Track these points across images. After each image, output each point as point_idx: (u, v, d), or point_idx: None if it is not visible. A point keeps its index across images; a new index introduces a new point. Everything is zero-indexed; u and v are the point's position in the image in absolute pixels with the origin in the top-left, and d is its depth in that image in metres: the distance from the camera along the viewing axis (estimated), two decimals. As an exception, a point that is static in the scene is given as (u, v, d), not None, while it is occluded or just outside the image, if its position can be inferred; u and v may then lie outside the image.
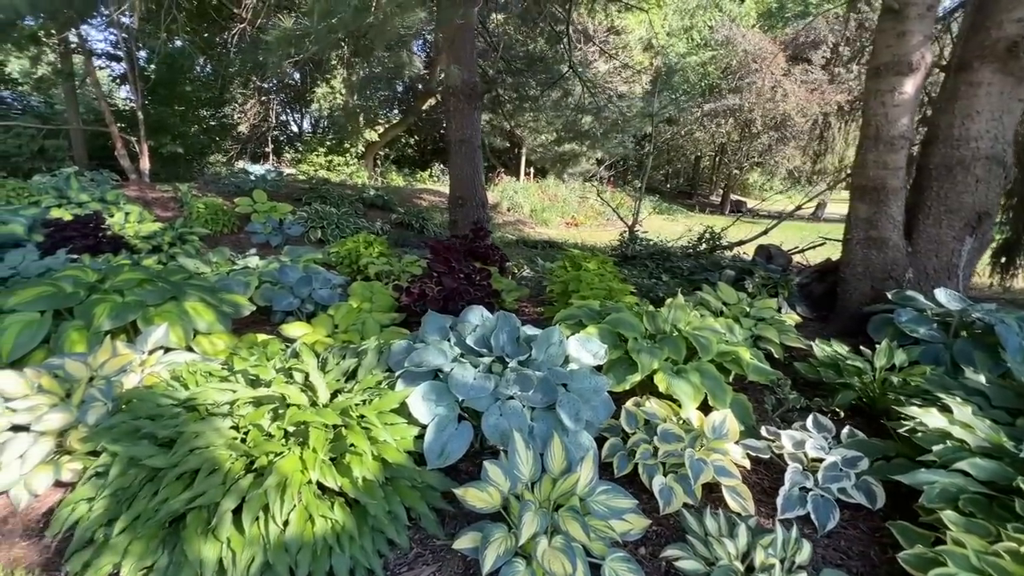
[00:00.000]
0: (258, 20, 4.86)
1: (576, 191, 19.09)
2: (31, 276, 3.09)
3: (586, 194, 19.63)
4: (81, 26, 8.45)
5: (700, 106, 19.55)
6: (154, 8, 7.36)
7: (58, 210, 5.63)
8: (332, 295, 4.05)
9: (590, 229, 16.12)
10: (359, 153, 17.06)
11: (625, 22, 11.54)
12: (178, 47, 9.96)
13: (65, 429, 2.12)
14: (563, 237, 13.16)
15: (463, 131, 6.50)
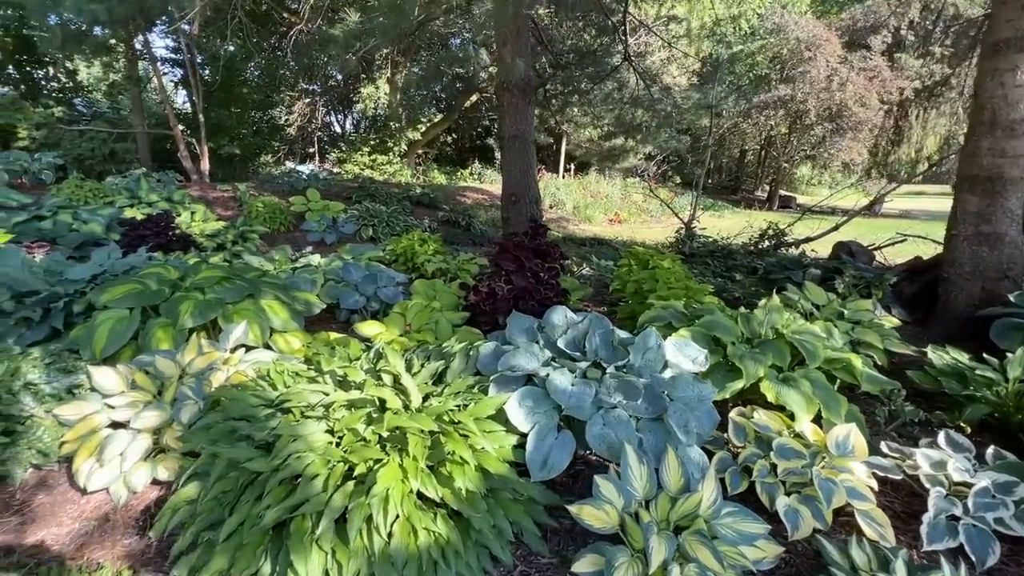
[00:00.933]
0: (317, 20, 4.87)
1: (617, 187, 18.71)
2: (117, 273, 3.17)
3: (628, 190, 19.22)
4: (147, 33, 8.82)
5: (748, 97, 18.76)
6: (212, 14, 7.59)
7: (131, 210, 5.85)
8: (396, 293, 4.01)
9: (634, 226, 15.73)
10: (402, 152, 17.23)
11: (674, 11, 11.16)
12: (232, 51, 10.29)
13: (160, 427, 2.12)
14: (608, 234, 12.88)
15: (517, 127, 6.36)
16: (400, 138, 16.91)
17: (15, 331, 2.68)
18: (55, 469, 2.20)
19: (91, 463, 2.01)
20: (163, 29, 10.19)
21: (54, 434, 2.09)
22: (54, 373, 2.29)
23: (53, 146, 7.89)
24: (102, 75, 9.38)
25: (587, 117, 11.20)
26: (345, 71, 9.84)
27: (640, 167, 16.00)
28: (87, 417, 2.11)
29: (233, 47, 11.13)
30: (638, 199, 18.64)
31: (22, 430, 2.08)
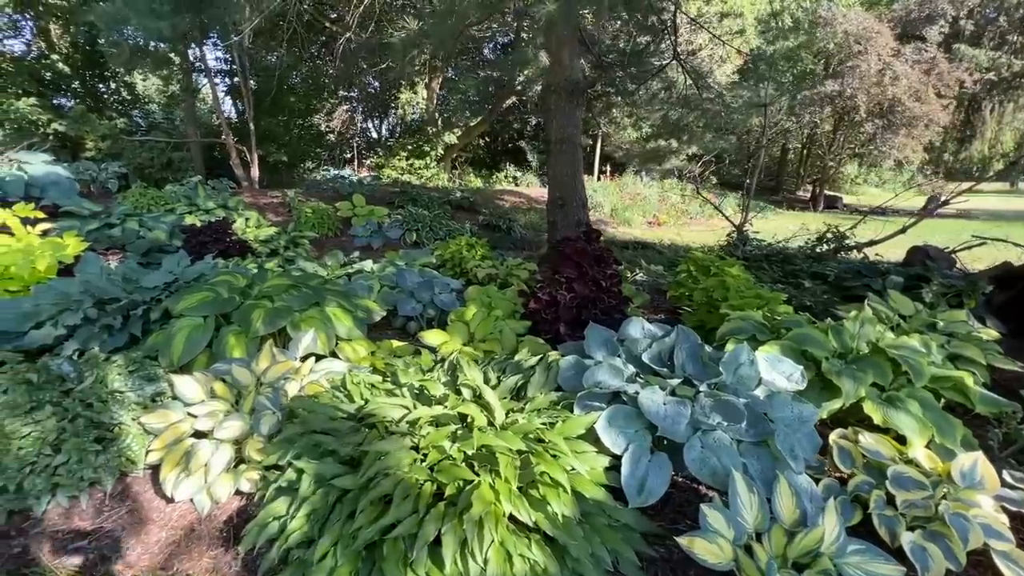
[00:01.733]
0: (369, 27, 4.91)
1: (654, 189, 18.35)
2: (188, 281, 3.24)
3: (665, 192, 18.82)
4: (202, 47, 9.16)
5: (794, 94, 18.06)
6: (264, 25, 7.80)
7: (190, 216, 6.05)
8: (452, 300, 3.98)
9: (674, 228, 15.37)
10: (438, 156, 17.38)
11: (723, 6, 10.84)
12: (281, 61, 10.60)
13: (241, 438, 2.13)
14: (649, 237, 12.60)
15: (564, 129, 6.27)
16: (437, 142, 17.06)
17: (98, 337, 2.75)
18: (139, 476, 2.23)
19: (177, 473, 2.02)
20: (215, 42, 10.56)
21: (142, 442, 2.12)
22: (138, 381, 2.33)
23: (116, 156, 8.29)
24: (162, 87, 9.86)
25: (629, 118, 10.99)
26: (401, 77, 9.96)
27: (683, 168, 15.61)
28: (172, 426, 2.13)
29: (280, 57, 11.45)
30: (676, 201, 18.24)
31: (111, 438, 2.12)
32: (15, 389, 2.09)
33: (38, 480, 1.95)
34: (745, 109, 7.89)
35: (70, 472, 1.98)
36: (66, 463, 2.00)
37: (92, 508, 2.09)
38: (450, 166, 18.59)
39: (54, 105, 8.34)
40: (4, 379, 2.16)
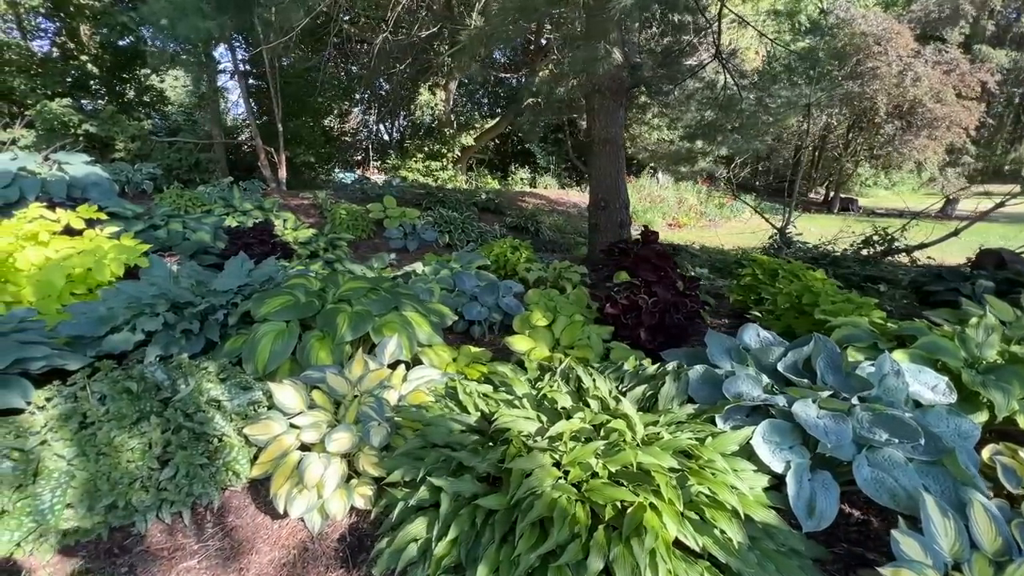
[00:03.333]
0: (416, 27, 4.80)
1: (670, 190, 18.20)
2: (257, 284, 3.13)
3: (682, 193, 18.69)
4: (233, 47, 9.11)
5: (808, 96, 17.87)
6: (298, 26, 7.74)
7: (228, 218, 5.96)
8: (517, 304, 3.86)
9: (695, 230, 15.25)
10: (454, 158, 17.30)
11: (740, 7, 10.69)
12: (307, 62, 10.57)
13: (352, 451, 2.01)
14: (675, 239, 12.47)
15: (608, 130, 6.16)
16: (454, 144, 16.99)
17: (177, 343, 2.65)
18: (237, 490, 2.13)
19: (288, 488, 1.91)
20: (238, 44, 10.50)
21: (246, 455, 2.01)
22: (234, 389, 2.22)
23: (145, 157, 8.22)
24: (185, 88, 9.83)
25: (659, 119, 10.86)
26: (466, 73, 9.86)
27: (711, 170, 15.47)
28: (277, 439, 2.02)
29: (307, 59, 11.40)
30: (693, 203, 18.12)
31: (214, 449, 2.01)
32: (117, 399, 1.98)
33: (145, 495, 1.84)
34: (784, 109, 7.75)
35: (178, 487, 1.87)
36: (173, 477, 1.89)
37: (195, 524, 1.98)
38: (466, 168, 18.51)
39: (82, 106, 8.27)
40: (103, 387, 2.05)
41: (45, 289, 2.97)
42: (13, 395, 2.08)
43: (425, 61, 15.07)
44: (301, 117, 10.96)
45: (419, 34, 10.62)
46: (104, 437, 1.84)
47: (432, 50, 13.72)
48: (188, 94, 10.69)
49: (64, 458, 1.85)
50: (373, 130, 21.08)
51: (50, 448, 1.86)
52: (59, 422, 1.91)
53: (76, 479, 1.75)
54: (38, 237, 3.13)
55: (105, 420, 1.91)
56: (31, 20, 8.68)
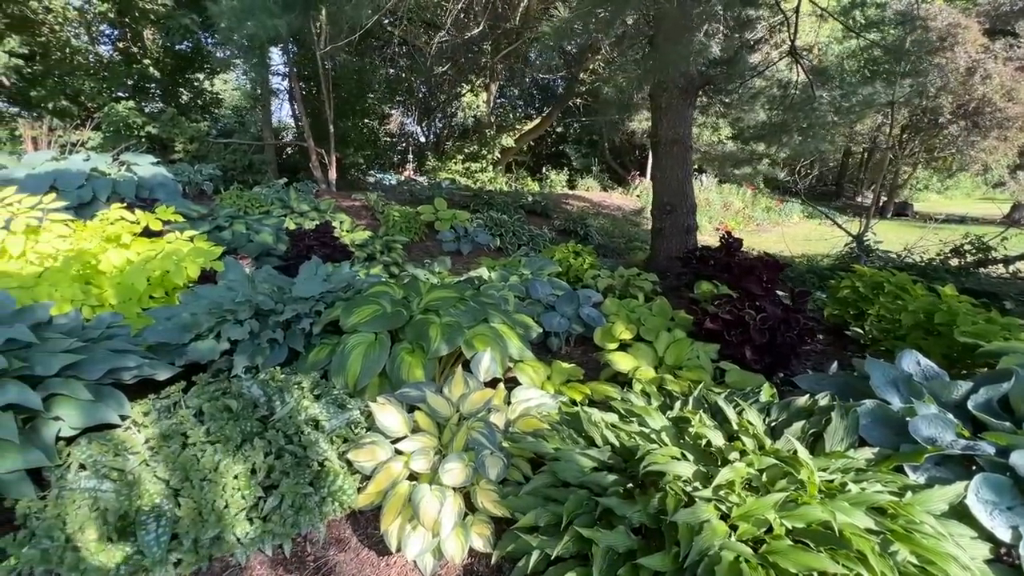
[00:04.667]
0: (481, 25, 4.61)
1: (713, 193, 17.60)
2: (337, 290, 2.99)
3: (726, 196, 18.06)
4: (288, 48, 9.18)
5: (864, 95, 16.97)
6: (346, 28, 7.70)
7: (286, 219, 5.92)
8: (598, 315, 3.61)
9: (743, 235, 14.64)
10: (494, 160, 17.17)
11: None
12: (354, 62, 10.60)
13: (466, 484, 1.81)
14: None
15: (675, 130, 5.86)
16: (494, 145, 16.86)
17: (262, 352, 2.52)
18: (338, 519, 1.95)
19: (400, 523, 1.72)
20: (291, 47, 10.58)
21: (352, 484, 1.83)
22: (331, 408, 2.06)
23: (202, 158, 8.35)
24: (250, 90, 10.03)
25: (720, 119, 10.44)
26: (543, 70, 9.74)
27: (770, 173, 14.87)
28: (385, 466, 1.84)
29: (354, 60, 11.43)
30: (740, 206, 17.48)
31: (316, 475, 1.84)
32: (218, 417, 1.84)
33: (249, 527, 1.68)
34: (856, 108, 7.26)
35: (283, 518, 1.71)
36: (278, 507, 1.73)
37: (296, 557, 1.81)
38: (505, 170, 18.36)
39: (142, 109, 8.47)
40: (199, 402, 1.92)
41: (127, 292, 2.90)
42: (108, 409, 1.97)
43: (472, 61, 15.03)
44: (350, 119, 10.99)
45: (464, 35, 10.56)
46: (209, 461, 1.69)
47: (479, 50, 13.65)
48: (238, 96, 10.92)
49: (165, 481, 1.71)
50: (412, 132, 21.20)
51: (151, 470, 1.72)
52: (160, 441, 1.77)
53: (183, 508, 1.60)
54: (120, 239, 3.07)
55: (208, 442, 1.76)
56: (96, 25, 8.95)
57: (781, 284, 3.41)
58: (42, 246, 2.87)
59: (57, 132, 7.31)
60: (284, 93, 15.71)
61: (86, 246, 2.91)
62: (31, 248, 2.85)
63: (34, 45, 7.72)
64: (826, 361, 3.47)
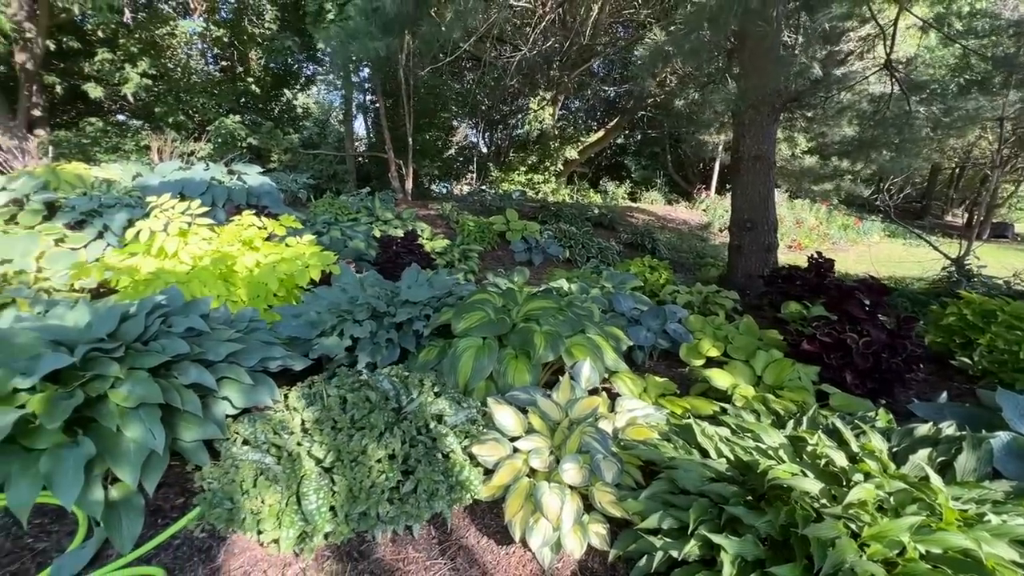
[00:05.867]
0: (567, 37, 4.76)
1: (784, 208, 16.88)
2: (442, 295, 3.21)
3: (797, 211, 17.27)
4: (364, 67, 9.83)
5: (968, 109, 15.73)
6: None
7: (374, 226, 6.32)
8: (685, 332, 3.64)
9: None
10: (557, 171, 17.33)
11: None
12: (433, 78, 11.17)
13: (583, 485, 1.92)
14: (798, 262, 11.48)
15: (759, 146, 5.77)
16: (557, 157, 17.03)
17: (379, 351, 2.76)
18: (459, 508, 2.12)
19: (523, 516, 1.86)
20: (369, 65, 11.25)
21: (477, 475, 2.00)
22: (453, 405, 2.24)
23: (293, 167, 9.07)
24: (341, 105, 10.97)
25: (796, 132, 10.10)
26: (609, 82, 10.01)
27: (853, 190, 14.15)
28: (508, 462, 1.99)
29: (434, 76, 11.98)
30: (814, 223, 16.67)
31: (447, 466, 2.02)
32: (360, 407, 2.06)
33: (389, 507, 1.87)
34: (957, 123, 6.82)
35: (417, 502, 1.89)
36: (414, 491, 1.91)
37: (423, 540, 1.99)
38: (566, 181, 18.49)
39: (245, 122, 9.31)
40: (342, 392, 2.15)
41: (258, 290, 3.25)
42: (263, 394, 2.25)
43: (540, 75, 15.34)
44: (425, 132, 11.54)
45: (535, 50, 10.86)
46: (357, 445, 1.90)
47: (548, 64, 13.94)
48: (317, 110, 11.82)
49: (317, 459, 1.94)
50: (476, 143, 21.79)
51: (305, 448, 1.96)
52: (313, 425, 2.02)
53: (337, 484, 1.82)
54: (252, 243, 3.46)
55: (355, 428, 1.99)
56: (210, 48, 9.98)
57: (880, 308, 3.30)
58: (191, 247, 3.28)
59: (175, 143, 8.22)
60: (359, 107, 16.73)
61: (228, 248, 3.30)
62: (182, 248, 3.26)
63: (159, 67, 8.75)
64: (929, 390, 3.32)
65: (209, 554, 1.87)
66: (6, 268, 3.25)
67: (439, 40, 5.52)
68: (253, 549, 1.89)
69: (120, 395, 1.88)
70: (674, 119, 13.37)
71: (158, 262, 3.26)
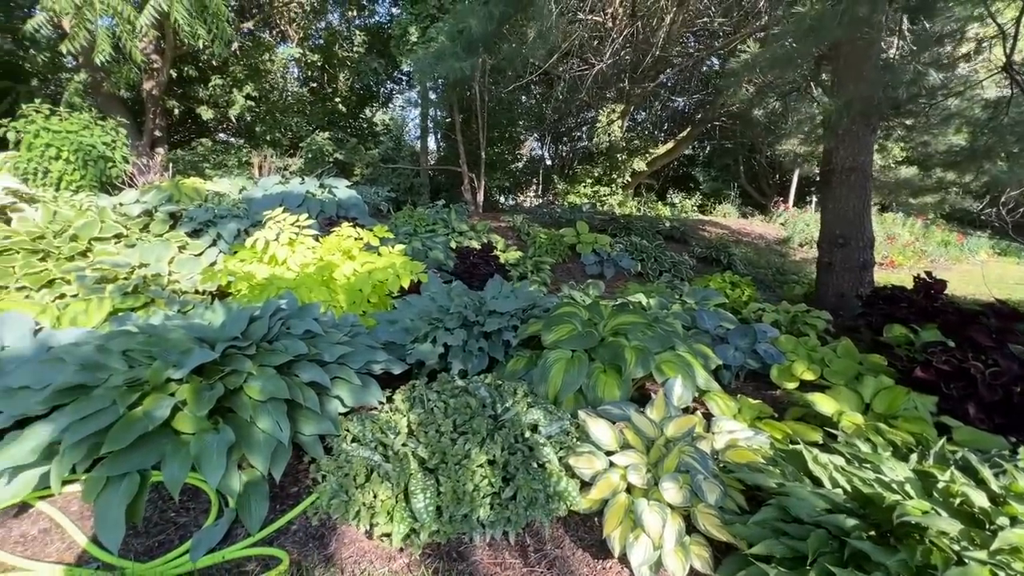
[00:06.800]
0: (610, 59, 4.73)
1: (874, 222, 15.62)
2: (526, 307, 3.28)
3: (887, 227, 15.94)
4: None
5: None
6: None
7: (450, 238, 6.55)
8: (778, 353, 3.48)
9: (914, 271, 12.79)
10: (624, 183, 17.11)
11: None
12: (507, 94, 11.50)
13: (684, 505, 1.89)
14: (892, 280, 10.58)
15: (854, 157, 5.43)
16: (625, 169, 16.83)
17: (470, 359, 2.86)
18: (554, 519, 2.15)
19: (622, 531, 1.85)
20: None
21: (575, 486, 2.02)
22: (547, 415, 2.28)
23: (374, 181, 9.61)
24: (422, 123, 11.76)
25: (894, 142, 9.40)
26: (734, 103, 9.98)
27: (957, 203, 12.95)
28: (605, 476, 2.00)
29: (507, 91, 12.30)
30: (908, 239, 15.33)
31: (536, 472, 2.06)
32: (461, 412, 2.15)
33: (489, 512, 1.94)
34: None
35: (516, 509, 1.94)
36: (513, 498, 1.97)
37: (518, 547, 2.03)
38: (633, 193, 18.22)
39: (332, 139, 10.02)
40: (443, 397, 2.26)
41: (354, 296, 3.48)
42: (370, 395, 2.41)
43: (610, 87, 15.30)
44: (496, 146, 11.86)
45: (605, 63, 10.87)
46: (460, 449, 1.99)
47: (618, 77, 13.90)
48: (391, 125, 12.57)
49: (423, 461, 2.04)
50: (541, 155, 22.01)
51: (410, 449, 2.07)
52: (418, 427, 2.13)
53: (443, 486, 1.91)
54: (350, 252, 3.72)
55: (456, 432, 2.08)
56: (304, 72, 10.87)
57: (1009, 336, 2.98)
58: (297, 256, 3.58)
59: (271, 160, 9.00)
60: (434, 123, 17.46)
61: (329, 257, 3.57)
62: (290, 256, 3.56)
63: (260, 90, 9.65)
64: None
65: (322, 541, 2.02)
66: (146, 271, 3.69)
67: (520, 58, 5.69)
68: (360, 541, 2.02)
69: (254, 389, 2.08)
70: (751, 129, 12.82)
71: (269, 268, 3.58)
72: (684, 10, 11.15)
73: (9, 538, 1.93)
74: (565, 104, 16.04)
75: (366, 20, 10.97)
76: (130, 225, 4.68)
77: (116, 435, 1.83)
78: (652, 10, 9.89)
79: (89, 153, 5.80)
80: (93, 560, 1.84)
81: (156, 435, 1.95)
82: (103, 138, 5.99)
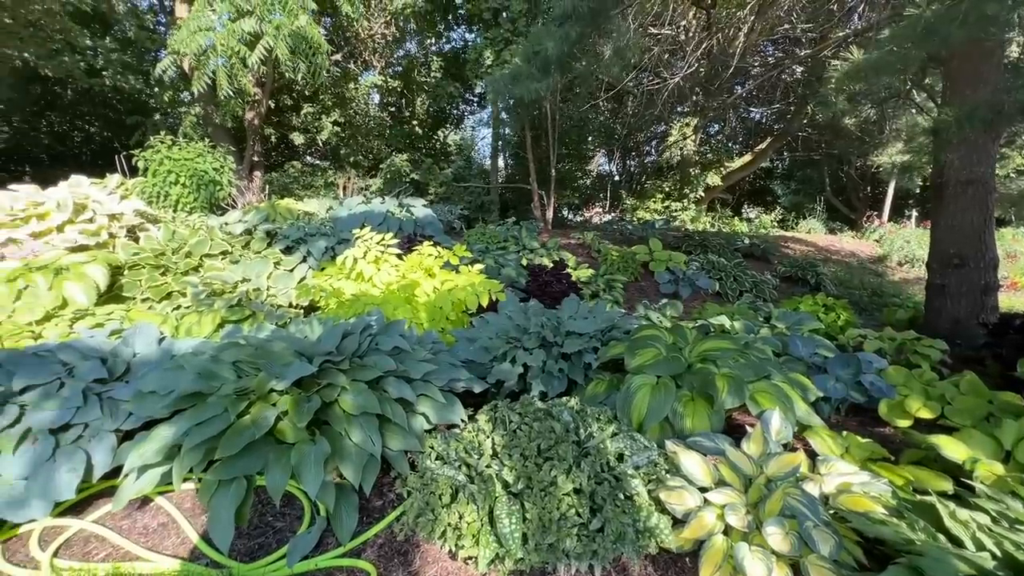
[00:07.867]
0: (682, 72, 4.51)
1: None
2: (606, 328, 3.20)
3: (1007, 244, 14.12)
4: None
5: None
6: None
7: (521, 255, 6.60)
8: (888, 387, 3.14)
9: (1042, 296, 11.20)
10: (697, 198, 16.51)
11: None
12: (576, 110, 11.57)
13: (792, 555, 1.73)
14: (1017, 305, 9.32)
15: (971, 168, 4.86)
16: (697, 184, 16.25)
17: (549, 380, 2.82)
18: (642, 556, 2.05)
19: (720, 577, 1.72)
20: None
21: (666, 522, 1.91)
22: (632, 444, 2.19)
23: (447, 199, 9.94)
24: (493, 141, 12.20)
25: (1016, 149, 8.41)
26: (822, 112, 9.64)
27: None
28: (699, 514, 1.87)
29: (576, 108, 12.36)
30: (1032, 256, 13.50)
31: (623, 505, 1.96)
32: (546, 436, 2.12)
33: (576, 543, 1.87)
34: None
35: (604, 541, 1.86)
36: (601, 530, 1.89)
37: (607, 584, 1.95)
38: (706, 208, 17.52)
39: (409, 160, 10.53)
40: (528, 422, 2.24)
41: (435, 314, 3.57)
42: (453, 413, 2.43)
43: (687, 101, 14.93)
44: (566, 163, 11.90)
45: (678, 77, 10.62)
46: (546, 475, 1.95)
47: (692, 90, 13.53)
48: (460, 144, 13.06)
49: (507, 484, 2.02)
50: (609, 171, 21.79)
51: (495, 471, 2.05)
52: (502, 449, 2.12)
53: (528, 512, 1.87)
54: (431, 270, 3.84)
55: (541, 457, 2.05)
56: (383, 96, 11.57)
57: None
58: (382, 274, 3.74)
59: (354, 180, 9.60)
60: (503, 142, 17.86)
61: (412, 276, 3.71)
62: (375, 274, 3.73)
63: (346, 116, 10.37)
64: None
65: (407, 558, 2.05)
66: (247, 286, 4.02)
67: (592, 76, 5.68)
68: (444, 560, 2.02)
69: (348, 403, 2.17)
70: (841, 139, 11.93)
71: (356, 285, 3.76)
72: (763, 19, 10.68)
73: (134, 529, 2.12)
74: (635, 119, 15.83)
75: (442, 46, 11.53)
76: (234, 243, 5.14)
77: (228, 441, 1.97)
78: (729, 21, 9.56)
79: (202, 178, 6.47)
80: (203, 557, 1.98)
81: (260, 443, 2.08)
82: (213, 164, 6.68)
